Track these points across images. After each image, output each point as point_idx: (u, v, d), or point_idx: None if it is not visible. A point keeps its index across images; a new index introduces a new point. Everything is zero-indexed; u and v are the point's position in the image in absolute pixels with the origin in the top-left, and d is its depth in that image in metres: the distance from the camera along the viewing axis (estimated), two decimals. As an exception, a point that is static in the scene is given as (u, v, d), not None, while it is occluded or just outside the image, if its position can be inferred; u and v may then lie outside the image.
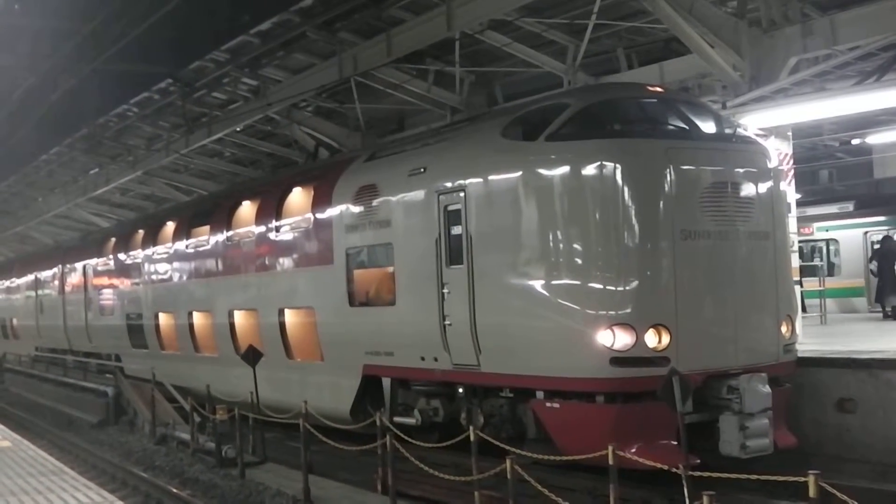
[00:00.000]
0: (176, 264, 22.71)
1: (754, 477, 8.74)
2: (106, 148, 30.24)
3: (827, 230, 26.33)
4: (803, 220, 26.94)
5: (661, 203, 11.52)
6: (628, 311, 11.35)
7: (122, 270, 26.18)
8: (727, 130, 12.83)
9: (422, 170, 14.10)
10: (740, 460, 11.28)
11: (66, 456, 19.34)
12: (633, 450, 10.70)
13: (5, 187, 40.36)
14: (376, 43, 18.63)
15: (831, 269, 26.01)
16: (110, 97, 26.10)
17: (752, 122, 14.18)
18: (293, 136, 24.19)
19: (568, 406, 11.86)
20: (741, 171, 12.11)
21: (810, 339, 15.37)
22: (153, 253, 24.04)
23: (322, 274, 16.44)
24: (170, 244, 22.99)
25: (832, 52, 14.53)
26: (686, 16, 14.60)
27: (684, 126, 12.44)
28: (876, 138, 24.16)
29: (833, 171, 31.98)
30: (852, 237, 25.71)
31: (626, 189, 11.50)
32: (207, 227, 21.10)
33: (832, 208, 27.15)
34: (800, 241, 26.86)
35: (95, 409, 24.47)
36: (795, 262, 15.62)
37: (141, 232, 25.56)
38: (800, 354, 12.96)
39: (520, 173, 12.42)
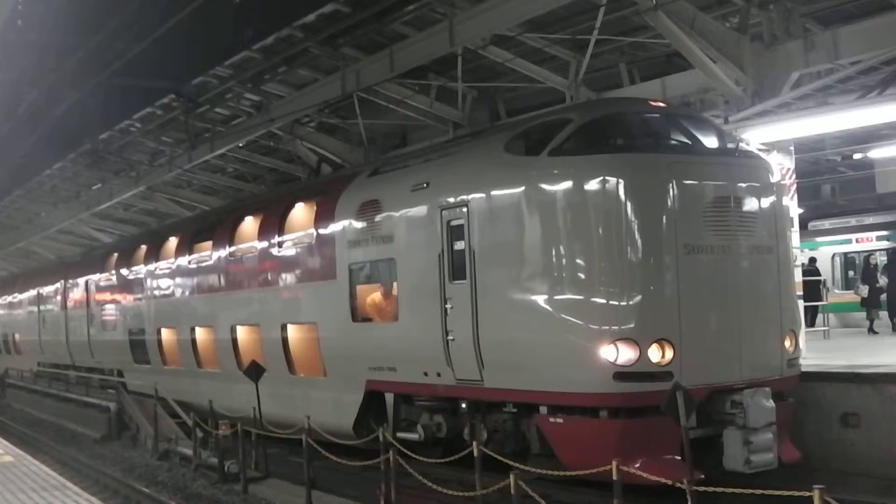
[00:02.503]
0: (178, 280, 22.70)
1: (759, 492, 8.74)
2: (109, 163, 30.22)
3: (889, 239, 25.74)
4: (860, 230, 26.70)
5: (664, 218, 11.52)
6: (631, 325, 11.34)
7: (125, 286, 26.18)
8: (729, 145, 12.84)
9: (424, 185, 14.10)
10: (745, 475, 11.25)
11: (68, 471, 19.26)
12: (637, 465, 10.68)
13: (8, 202, 40.40)
14: (379, 58, 18.65)
15: None
16: (113, 112, 26.08)
17: (754, 137, 14.19)
18: (296, 151, 24.20)
19: (571, 421, 11.84)
20: (744, 185, 12.13)
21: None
22: (156, 268, 24.03)
23: (325, 289, 16.43)
24: (172, 259, 22.98)
25: (834, 66, 14.54)
26: (688, 31, 14.61)
27: (687, 141, 12.46)
28: (878, 153, 24.09)
29: (836, 186, 31.84)
30: None
31: (628, 204, 11.51)
32: (210, 243, 21.09)
33: (893, 216, 26.38)
34: (854, 252, 26.76)
35: (98, 424, 24.43)
36: (798, 276, 15.60)
37: (143, 247, 25.57)
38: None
39: (523, 188, 12.43)
